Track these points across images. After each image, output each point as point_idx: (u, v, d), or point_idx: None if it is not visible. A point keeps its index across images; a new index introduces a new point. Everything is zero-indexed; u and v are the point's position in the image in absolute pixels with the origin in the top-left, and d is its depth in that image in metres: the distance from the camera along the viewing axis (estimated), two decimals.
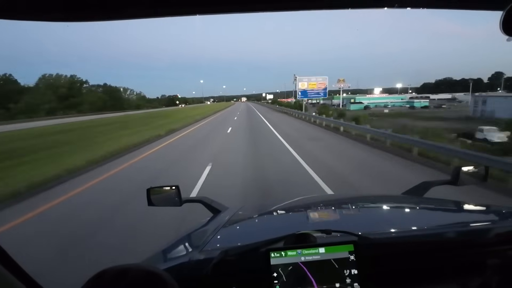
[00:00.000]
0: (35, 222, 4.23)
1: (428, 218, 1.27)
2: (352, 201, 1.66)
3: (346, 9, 0.65)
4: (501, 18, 0.55)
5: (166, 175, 6.57)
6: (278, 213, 1.48)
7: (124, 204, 4.68)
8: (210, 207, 1.53)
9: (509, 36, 0.58)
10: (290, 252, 0.76)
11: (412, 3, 0.66)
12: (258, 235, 0.95)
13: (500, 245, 0.86)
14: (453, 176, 1.40)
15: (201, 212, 1.63)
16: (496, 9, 0.58)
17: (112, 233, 3.68)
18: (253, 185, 5.37)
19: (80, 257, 3.03)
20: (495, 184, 5.12)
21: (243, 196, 4.76)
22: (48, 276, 2.28)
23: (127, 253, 2.86)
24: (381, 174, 6.25)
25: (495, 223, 1.08)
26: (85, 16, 0.60)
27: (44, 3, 0.55)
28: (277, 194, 4.81)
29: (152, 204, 1.39)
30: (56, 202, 5.02)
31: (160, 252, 1.13)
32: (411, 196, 1.53)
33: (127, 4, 0.58)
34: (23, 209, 4.72)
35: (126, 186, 5.78)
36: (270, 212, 1.49)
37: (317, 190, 5.00)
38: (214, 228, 1.17)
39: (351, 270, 0.75)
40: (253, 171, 6.47)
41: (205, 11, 0.63)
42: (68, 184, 6.30)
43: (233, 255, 0.80)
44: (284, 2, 0.63)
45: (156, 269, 0.50)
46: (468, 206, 1.32)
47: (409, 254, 0.85)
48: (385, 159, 7.86)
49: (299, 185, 5.32)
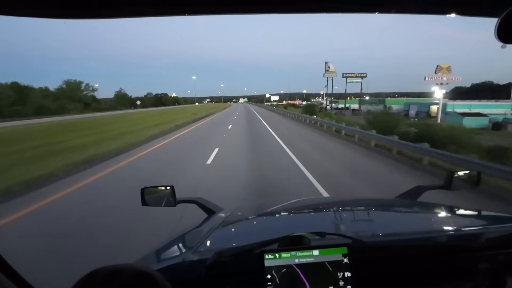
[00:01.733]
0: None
1: (420, 222, 1.28)
2: (346, 204, 1.67)
3: (347, 13, 0.66)
4: (496, 25, 0.56)
5: None
6: (273, 215, 1.47)
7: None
8: (205, 207, 1.53)
9: (503, 43, 0.58)
10: (284, 254, 0.75)
11: (409, 9, 0.67)
12: (252, 237, 0.95)
13: (491, 249, 0.87)
14: (446, 181, 1.42)
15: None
16: (491, 16, 0.58)
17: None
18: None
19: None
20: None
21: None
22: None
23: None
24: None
25: (486, 228, 1.09)
26: (81, 13, 0.60)
27: (41, 0, 0.55)
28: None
29: (146, 204, 1.38)
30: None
31: (154, 252, 1.12)
32: (405, 200, 1.54)
33: (124, 3, 0.58)
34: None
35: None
36: (265, 214, 1.49)
37: None
38: (209, 229, 1.17)
39: (344, 273, 0.75)
40: None
41: (200, 12, 0.63)
42: None
43: (227, 257, 0.80)
44: (282, 5, 0.63)
45: (149, 270, 0.49)
46: (460, 210, 1.33)
47: (402, 258, 0.86)
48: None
49: None
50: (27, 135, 16.20)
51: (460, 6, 0.65)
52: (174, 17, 0.65)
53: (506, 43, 0.59)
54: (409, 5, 0.65)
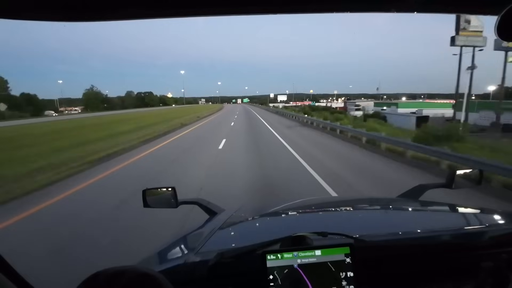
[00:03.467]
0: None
1: (423, 221, 1.28)
2: (348, 204, 1.67)
3: (347, 13, 0.66)
4: (496, 23, 0.56)
5: None
6: (275, 215, 1.47)
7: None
8: (207, 208, 1.53)
9: (504, 41, 0.59)
10: (286, 255, 0.75)
11: (408, 7, 0.67)
12: (254, 237, 0.95)
13: (494, 247, 0.87)
14: (447, 179, 1.41)
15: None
16: (491, 14, 0.59)
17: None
18: None
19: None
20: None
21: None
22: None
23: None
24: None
25: (489, 226, 1.09)
26: (82, 16, 0.60)
27: (41, 3, 0.55)
28: None
29: (147, 205, 1.38)
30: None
31: (156, 254, 1.12)
32: (407, 199, 1.54)
33: (125, 5, 0.58)
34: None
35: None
36: (267, 215, 1.49)
37: None
38: (210, 230, 1.17)
39: (347, 272, 0.75)
40: None
41: (197, 13, 0.63)
42: None
43: (229, 258, 0.80)
44: (281, 6, 0.63)
45: (151, 271, 0.49)
46: (462, 209, 1.33)
47: (404, 257, 0.86)
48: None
49: None
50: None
51: (461, 4, 0.65)
52: (175, 18, 0.65)
53: (506, 41, 0.59)
54: (409, 4, 0.65)
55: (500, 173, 5.52)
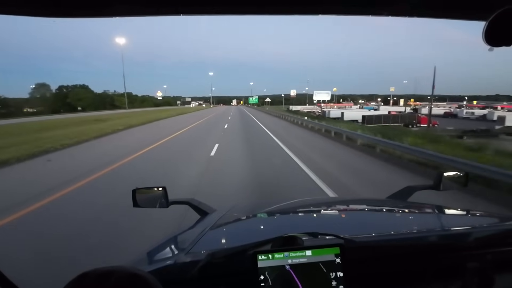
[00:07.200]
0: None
1: (411, 222, 1.30)
2: (339, 205, 1.68)
3: (342, 15, 0.67)
4: (484, 29, 0.57)
5: None
6: (266, 216, 1.47)
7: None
8: (198, 209, 1.51)
9: (491, 46, 0.60)
10: (277, 255, 0.75)
11: (399, 12, 0.68)
12: (245, 238, 0.94)
13: (479, 248, 0.89)
14: (435, 181, 1.45)
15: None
16: (479, 19, 0.60)
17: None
18: None
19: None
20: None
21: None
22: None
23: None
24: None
25: (475, 227, 1.11)
26: (72, 12, 0.59)
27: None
28: None
29: (137, 205, 1.36)
30: None
31: (146, 254, 1.10)
32: (396, 200, 1.57)
33: (116, 2, 0.57)
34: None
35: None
36: (258, 215, 1.49)
37: None
38: (202, 230, 1.16)
39: (337, 273, 0.75)
40: None
41: (192, 12, 0.63)
42: None
43: (220, 258, 0.79)
44: (272, 5, 0.64)
45: (140, 272, 0.49)
46: (449, 210, 1.36)
47: (393, 257, 0.87)
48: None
49: None
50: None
51: (449, 10, 0.67)
52: (173, 17, 0.64)
53: (494, 46, 0.60)
54: (400, 8, 0.67)
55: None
